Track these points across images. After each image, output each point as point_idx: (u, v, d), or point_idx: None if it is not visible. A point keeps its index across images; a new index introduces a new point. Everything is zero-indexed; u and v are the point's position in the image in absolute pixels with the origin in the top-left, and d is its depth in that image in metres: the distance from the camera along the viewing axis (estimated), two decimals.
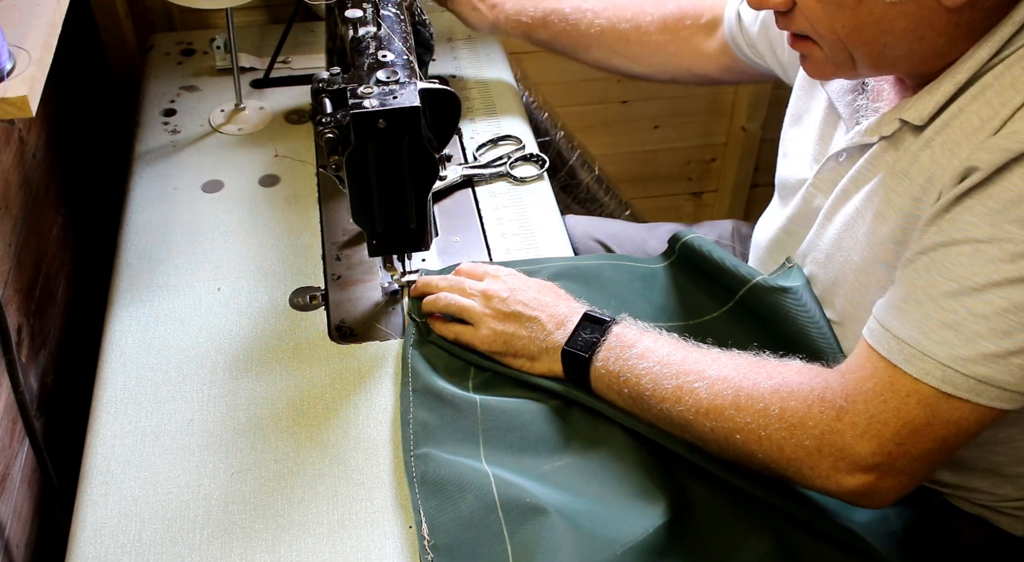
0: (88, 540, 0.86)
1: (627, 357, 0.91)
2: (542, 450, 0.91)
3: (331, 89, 0.95)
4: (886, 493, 0.80)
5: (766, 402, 0.82)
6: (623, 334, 0.93)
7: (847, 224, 0.91)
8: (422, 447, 0.91)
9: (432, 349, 1.01)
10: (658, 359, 0.89)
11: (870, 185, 0.88)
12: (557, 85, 1.86)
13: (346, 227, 1.18)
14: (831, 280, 0.94)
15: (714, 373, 0.86)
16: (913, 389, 0.77)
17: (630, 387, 0.90)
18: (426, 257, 1.13)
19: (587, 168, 1.91)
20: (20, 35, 0.83)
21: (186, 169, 1.26)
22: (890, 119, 0.86)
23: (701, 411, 0.85)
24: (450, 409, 0.94)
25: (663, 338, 0.93)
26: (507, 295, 1.00)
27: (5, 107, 0.78)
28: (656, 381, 0.88)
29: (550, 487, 0.87)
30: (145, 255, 1.14)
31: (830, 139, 0.97)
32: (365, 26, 1.03)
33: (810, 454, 0.80)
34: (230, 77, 1.35)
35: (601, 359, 0.92)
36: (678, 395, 0.87)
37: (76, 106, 1.47)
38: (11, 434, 1.04)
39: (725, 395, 0.84)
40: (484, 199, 1.24)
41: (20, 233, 1.12)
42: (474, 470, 0.88)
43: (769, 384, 0.84)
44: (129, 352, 1.02)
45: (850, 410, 0.79)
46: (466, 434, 0.92)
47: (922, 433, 0.77)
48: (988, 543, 0.99)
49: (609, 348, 0.92)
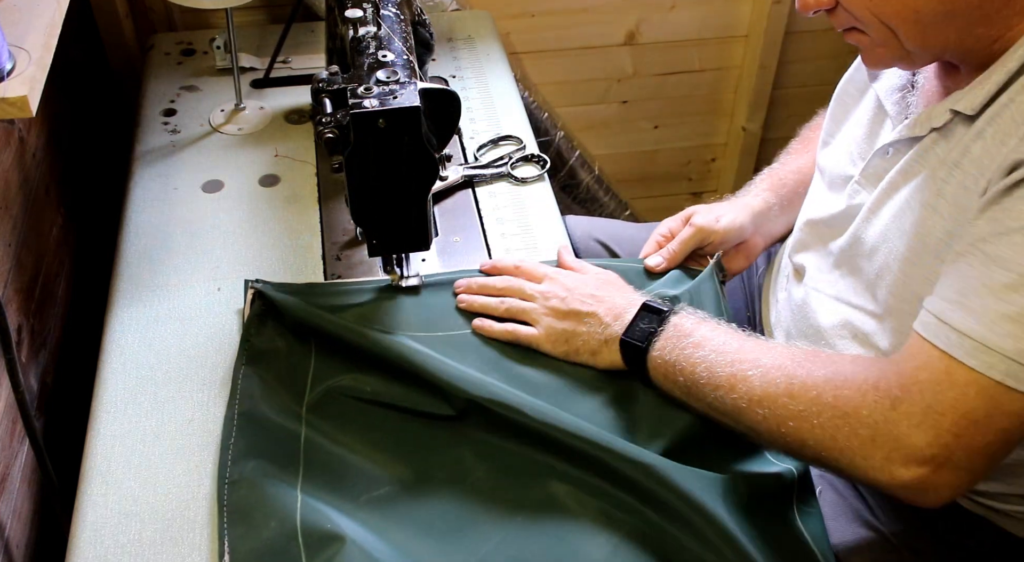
0: (88, 540, 0.86)
1: (683, 346, 0.91)
2: (363, 479, 0.90)
3: (331, 89, 0.95)
4: (942, 489, 0.78)
5: (819, 390, 0.82)
6: (681, 323, 0.93)
7: (895, 216, 0.90)
8: (239, 473, 0.88)
9: (266, 367, 0.98)
10: (714, 347, 0.89)
11: (920, 177, 0.88)
12: (557, 85, 1.86)
13: (346, 227, 1.18)
14: (875, 273, 0.93)
15: (768, 361, 0.86)
16: (972, 379, 0.75)
17: (685, 376, 0.90)
18: (426, 257, 1.13)
19: (587, 168, 1.91)
20: (20, 35, 0.83)
21: (186, 169, 1.26)
22: (941, 110, 0.86)
23: (754, 399, 0.85)
24: (274, 433, 0.92)
25: (721, 327, 0.93)
26: (565, 294, 1.01)
27: (5, 107, 0.78)
28: (711, 369, 0.88)
29: (363, 515, 0.86)
30: (145, 255, 1.14)
31: (877, 136, 0.97)
32: (365, 26, 1.03)
33: (864, 444, 0.79)
34: (230, 77, 1.35)
35: (658, 348, 0.93)
36: (732, 383, 0.86)
37: (76, 106, 1.47)
38: (11, 434, 1.04)
39: (778, 383, 0.84)
40: (484, 199, 1.24)
41: (20, 233, 1.12)
42: (284, 496, 0.86)
43: (822, 373, 0.83)
44: (129, 352, 1.02)
45: (906, 400, 0.78)
46: (287, 460, 0.90)
47: (982, 425, 0.76)
48: (990, 545, 0.99)
49: (667, 338, 0.93)
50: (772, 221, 1.17)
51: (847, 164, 1.01)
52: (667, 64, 1.88)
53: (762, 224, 1.16)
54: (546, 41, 1.79)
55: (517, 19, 1.74)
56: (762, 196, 1.17)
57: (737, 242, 1.14)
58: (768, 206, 1.16)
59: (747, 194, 1.18)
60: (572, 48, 1.81)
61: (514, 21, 1.74)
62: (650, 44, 1.84)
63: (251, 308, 1.03)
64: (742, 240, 1.15)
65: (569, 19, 1.77)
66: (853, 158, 1.01)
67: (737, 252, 1.16)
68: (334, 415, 0.95)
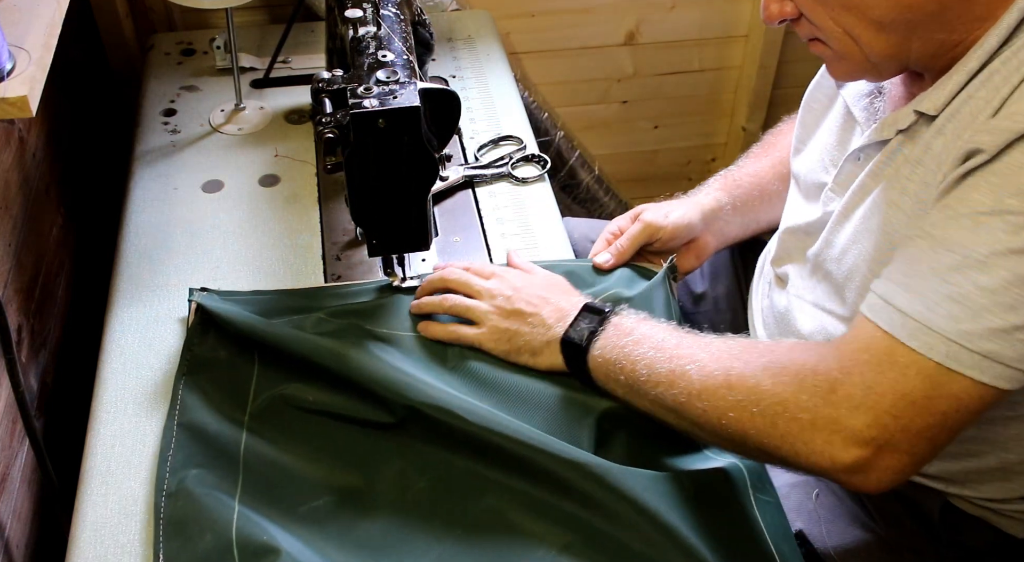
0: (88, 540, 0.86)
1: (623, 344, 0.91)
2: (302, 489, 0.89)
3: (331, 89, 0.95)
4: (883, 472, 0.78)
5: (757, 379, 0.81)
6: (621, 323, 0.93)
7: (864, 218, 0.91)
8: (176, 484, 0.88)
9: (208, 376, 0.98)
10: (653, 344, 0.89)
11: (887, 178, 0.88)
12: (557, 85, 1.86)
13: (346, 227, 1.18)
14: (844, 275, 0.94)
15: (705, 355, 0.86)
16: (913, 360, 0.75)
17: (626, 374, 0.90)
18: (426, 257, 1.13)
19: (587, 168, 1.91)
20: (20, 35, 0.83)
21: (186, 169, 1.26)
22: (906, 113, 0.86)
23: (694, 393, 0.85)
24: (213, 443, 0.91)
25: (660, 325, 0.93)
26: (511, 293, 1.01)
27: (5, 107, 0.78)
28: (651, 366, 0.88)
29: (300, 527, 0.86)
30: (145, 255, 1.14)
31: (847, 143, 0.98)
32: (365, 26, 1.03)
33: (804, 429, 0.78)
34: (230, 77, 1.35)
35: (599, 347, 0.92)
36: (671, 379, 0.86)
37: (76, 106, 1.47)
38: (11, 434, 1.04)
39: (716, 375, 0.84)
40: (484, 199, 1.24)
41: (20, 233, 1.12)
42: (222, 507, 0.85)
43: (760, 362, 0.83)
44: (129, 352, 1.02)
45: (845, 382, 0.77)
46: (226, 471, 0.89)
47: (921, 407, 0.75)
48: (989, 545, 0.99)
49: (607, 337, 0.92)
50: (724, 221, 1.17)
51: (820, 172, 1.01)
52: (667, 64, 1.88)
53: (712, 223, 1.16)
54: (546, 41, 1.79)
55: (517, 19, 1.74)
56: (713, 195, 1.17)
57: (686, 239, 1.14)
58: (719, 205, 1.16)
59: (698, 193, 1.18)
60: (572, 48, 1.82)
61: (514, 21, 1.74)
62: (650, 44, 1.84)
63: (193, 317, 1.03)
64: (692, 238, 1.15)
65: (569, 19, 1.77)
66: (825, 165, 1.01)
67: (687, 250, 1.16)
68: (276, 424, 0.94)
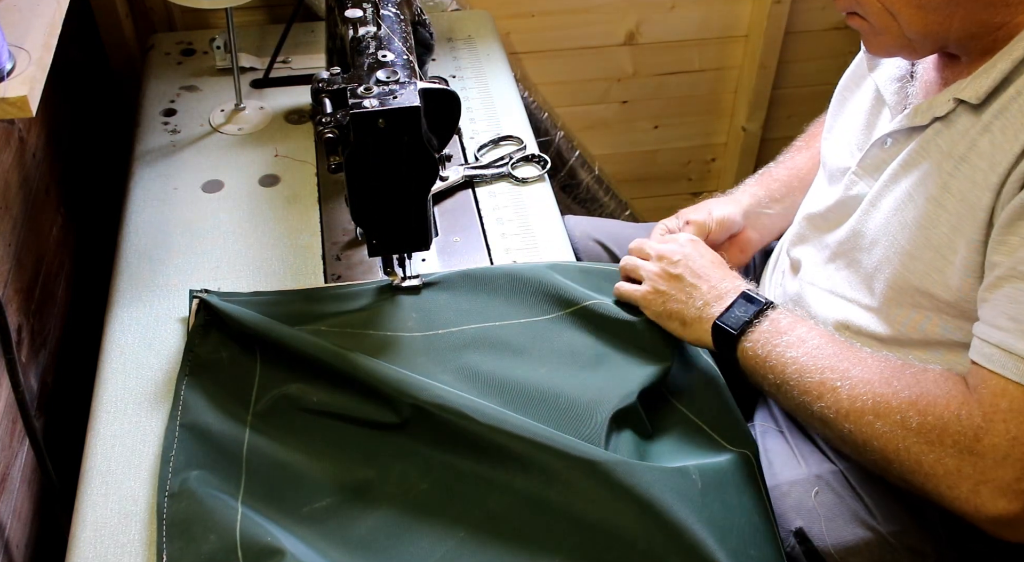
0: (88, 540, 0.86)
1: (777, 343, 0.91)
2: (305, 490, 0.89)
3: (331, 89, 0.95)
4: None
5: (903, 414, 0.81)
6: (779, 319, 0.93)
7: (896, 209, 0.90)
8: (179, 485, 0.87)
9: (210, 377, 0.97)
10: (807, 351, 0.89)
11: (922, 170, 0.87)
12: (557, 85, 1.86)
13: (346, 227, 1.18)
14: (874, 265, 0.93)
15: (856, 374, 0.85)
16: None
17: (775, 374, 0.90)
18: (426, 257, 1.13)
19: (587, 168, 1.91)
20: (20, 35, 0.83)
21: (186, 169, 1.26)
22: (944, 99, 0.85)
23: (841, 413, 0.84)
24: (216, 444, 0.91)
25: (817, 329, 0.92)
26: (678, 258, 1.02)
27: (5, 107, 0.78)
28: (801, 373, 0.88)
29: (304, 528, 0.86)
30: (145, 255, 1.14)
31: (875, 127, 0.97)
32: (365, 26, 1.03)
33: (948, 473, 0.78)
34: (230, 77, 1.35)
35: (752, 340, 0.92)
36: (820, 391, 0.86)
37: (76, 106, 1.47)
38: (11, 434, 1.04)
39: (865, 400, 0.83)
40: (484, 199, 1.24)
41: (20, 233, 1.12)
42: (225, 508, 0.85)
43: (907, 394, 0.82)
44: (129, 352, 1.02)
45: (990, 431, 0.76)
46: (229, 471, 0.89)
47: None
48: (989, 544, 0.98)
49: (762, 331, 0.92)
50: (765, 216, 1.17)
51: (846, 155, 1.01)
52: (667, 64, 1.88)
53: (754, 219, 1.17)
54: (546, 41, 1.79)
55: (517, 19, 1.74)
56: (749, 191, 1.18)
57: (730, 234, 1.15)
58: (756, 200, 1.17)
59: (735, 191, 1.19)
60: (572, 48, 1.82)
61: (514, 21, 1.74)
62: (650, 44, 1.84)
63: (195, 318, 1.03)
64: (734, 232, 1.15)
65: (569, 19, 1.77)
66: (851, 149, 1.00)
67: (732, 245, 1.16)
68: (279, 425, 0.94)
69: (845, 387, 0.85)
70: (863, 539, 1.00)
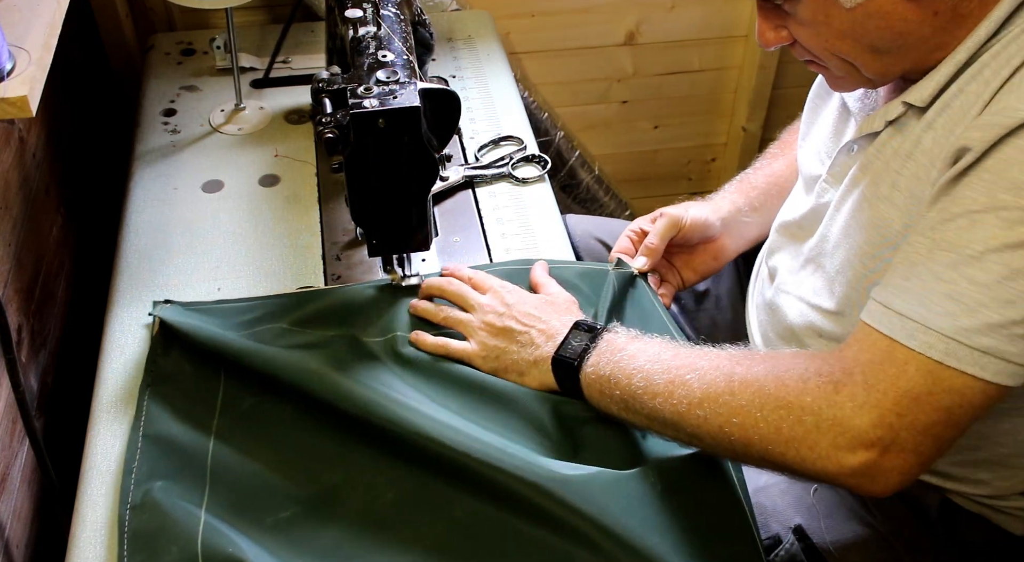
0: (88, 540, 0.86)
1: (617, 359, 0.90)
2: (270, 500, 0.88)
3: (331, 89, 0.95)
4: (891, 474, 0.77)
5: (760, 383, 0.81)
6: (613, 339, 0.93)
7: (854, 211, 0.91)
8: (141, 497, 0.87)
9: (173, 388, 0.97)
10: (648, 358, 0.89)
11: (876, 171, 0.89)
12: (557, 85, 1.86)
13: (346, 227, 1.18)
14: (836, 268, 0.94)
15: (705, 364, 0.86)
16: (912, 357, 0.75)
17: (621, 388, 0.89)
18: (426, 257, 1.13)
19: (587, 168, 1.91)
20: (20, 35, 0.83)
21: (186, 169, 1.26)
22: (895, 104, 0.86)
23: (694, 402, 0.84)
24: (180, 454, 0.91)
25: (654, 339, 0.92)
26: (503, 310, 1.01)
27: (5, 107, 0.78)
28: (648, 378, 0.87)
29: (267, 538, 0.85)
30: (145, 255, 1.14)
31: (842, 135, 0.98)
32: (365, 26, 1.04)
33: (808, 432, 0.78)
34: (230, 77, 1.35)
35: (591, 364, 0.92)
36: (670, 389, 0.85)
37: (76, 106, 1.47)
38: (11, 434, 1.04)
39: (718, 382, 0.83)
40: (484, 199, 1.24)
41: (20, 233, 1.12)
42: (188, 519, 0.85)
43: (762, 367, 0.83)
44: (129, 352, 1.02)
45: (847, 382, 0.77)
46: (193, 481, 0.89)
47: (924, 403, 0.75)
48: (988, 543, 0.99)
49: (600, 353, 0.92)
50: (742, 224, 1.17)
51: (817, 164, 1.02)
52: (667, 64, 1.88)
53: (731, 226, 1.16)
54: (546, 41, 1.79)
55: (517, 19, 1.74)
56: (729, 199, 1.17)
57: (703, 236, 1.14)
58: (735, 207, 1.16)
59: (715, 197, 1.19)
60: (572, 48, 1.81)
61: (514, 21, 1.74)
62: (650, 44, 1.84)
63: (157, 329, 1.02)
64: (708, 237, 1.15)
65: (569, 19, 1.77)
66: (821, 157, 1.01)
67: (704, 252, 1.16)
68: (244, 435, 0.93)
69: (695, 376, 0.85)
70: (861, 536, 1.00)
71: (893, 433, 0.76)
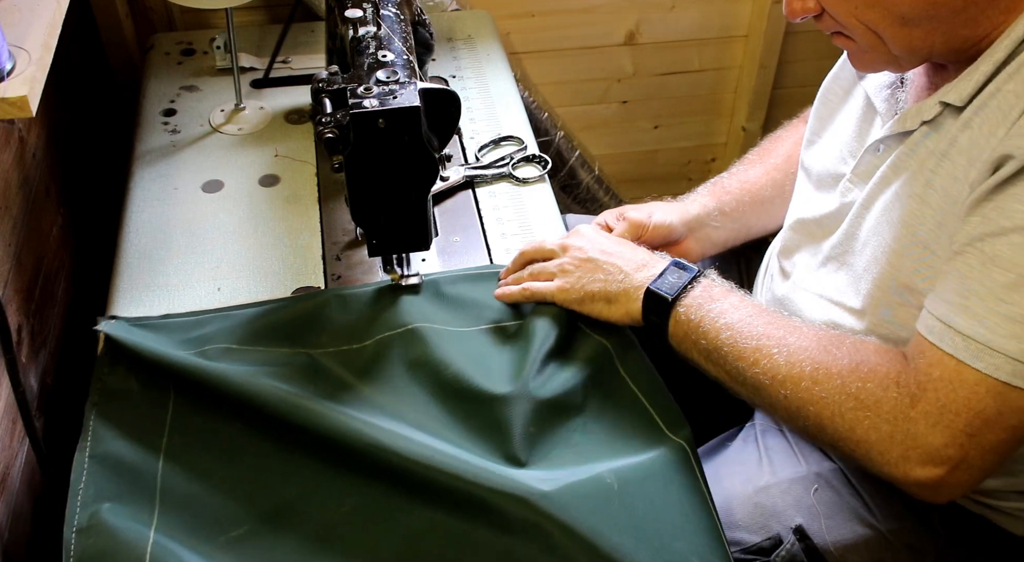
0: None
1: (711, 308, 0.91)
2: (222, 518, 0.87)
3: (331, 89, 0.95)
4: (954, 488, 0.80)
5: (843, 379, 0.83)
6: (711, 286, 0.94)
7: (884, 210, 0.91)
8: (87, 519, 0.84)
9: (120, 406, 0.94)
10: (741, 317, 0.90)
11: (910, 169, 0.88)
12: (557, 85, 1.86)
13: (346, 227, 1.18)
14: (863, 266, 0.94)
15: (794, 342, 0.87)
16: (980, 380, 0.77)
17: (708, 340, 0.90)
18: (426, 257, 1.13)
19: (587, 168, 1.91)
20: (20, 35, 0.83)
21: (186, 169, 1.26)
22: (931, 104, 0.86)
23: (778, 378, 0.85)
24: (128, 474, 0.89)
25: (748, 299, 0.93)
26: (584, 244, 1.01)
27: (5, 107, 0.78)
28: (736, 338, 0.88)
29: (221, 555, 0.84)
30: (145, 255, 1.14)
31: (867, 134, 0.98)
32: (365, 26, 1.03)
33: (882, 439, 0.80)
34: (230, 77, 1.35)
35: (685, 305, 0.93)
36: (756, 358, 0.87)
37: (76, 106, 1.47)
38: (11, 434, 1.04)
39: (803, 366, 0.85)
40: (484, 199, 1.24)
41: (20, 233, 1.12)
42: (137, 540, 0.82)
43: (847, 361, 0.84)
44: None
45: (922, 398, 0.79)
46: (142, 502, 0.87)
47: (994, 424, 0.77)
48: (988, 542, 0.99)
49: (695, 297, 0.93)
50: (711, 229, 1.16)
51: (837, 163, 1.01)
52: (667, 64, 1.88)
53: (697, 229, 1.16)
54: (546, 41, 1.79)
55: (517, 19, 1.74)
56: (700, 202, 1.17)
57: (666, 241, 1.13)
58: (706, 211, 1.16)
59: (686, 199, 1.18)
60: (572, 48, 1.82)
61: (514, 21, 1.74)
62: (650, 44, 1.84)
63: (102, 345, 1.00)
64: (671, 240, 1.14)
65: (569, 19, 1.77)
66: (844, 156, 1.01)
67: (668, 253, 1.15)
68: (195, 452, 0.91)
69: (783, 353, 0.86)
70: (862, 537, 1.00)
71: (963, 452, 0.78)
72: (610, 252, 1.00)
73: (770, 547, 1.00)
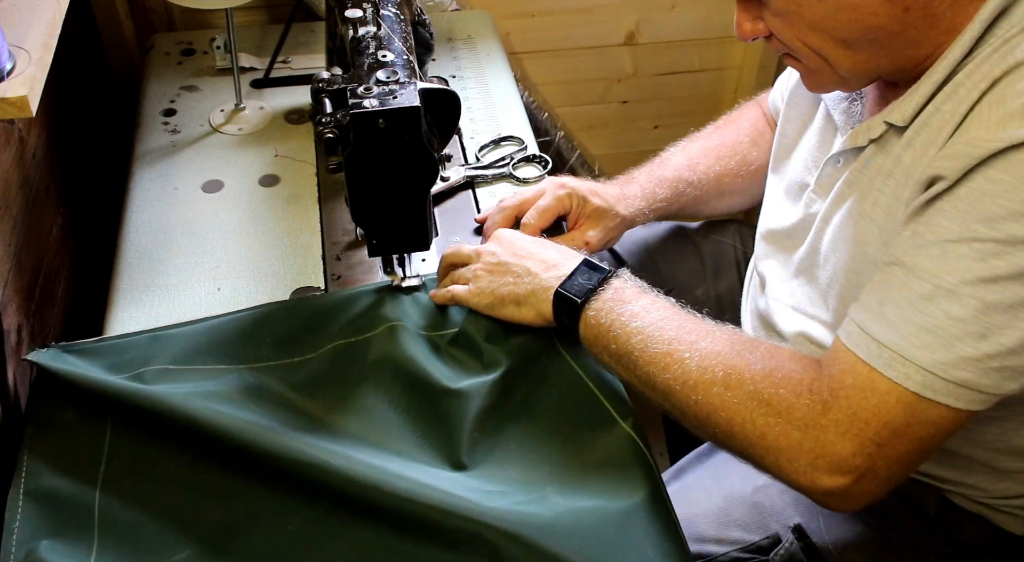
0: None
1: (621, 312, 0.89)
2: (163, 544, 0.84)
3: (331, 89, 0.95)
4: (860, 497, 0.79)
5: (756, 385, 0.81)
6: (622, 288, 0.92)
7: (840, 226, 0.91)
8: (24, 559, 0.81)
9: (55, 437, 0.91)
10: (652, 321, 0.88)
11: (860, 187, 0.89)
12: (557, 85, 1.86)
13: (346, 227, 1.18)
14: (827, 281, 0.94)
15: (706, 346, 0.85)
16: (891, 389, 0.76)
17: (619, 344, 0.88)
18: (426, 257, 1.13)
19: (587, 168, 1.91)
20: (20, 35, 0.83)
21: (186, 169, 1.27)
22: (877, 122, 0.87)
23: (688, 383, 0.84)
24: (65, 508, 0.86)
25: (660, 301, 0.91)
26: (496, 248, 1.01)
27: (5, 107, 0.78)
28: (646, 343, 0.87)
29: None
30: (145, 255, 1.14)
31: (829, 145, 0.98)
32: (365, 26, 1.04)
33: (792, 445, 0.79)
34: (230, 77, 1.35)
35: (595, 308, 0.91)
36: (666, 362, 0.85)
37: (76, 106, 1.47)
38: None
39: (715, 371, 0.83)
40: (484, 199, 1.24)
41: (20, 233, 1.12)
42: None
43: (761, 366, 0.82)
44: None
45: (834, 406, 0.78)
46: (79, 536, 0.84)
47: (902, 434, 0.76)
48: (988, 542, 0.99)
49: (605, 299, 0.91)
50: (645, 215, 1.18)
51: (804, 172, 1.02)
52: (667, 64, 1.88)
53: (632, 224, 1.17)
54: (546, 41, 1.79)
55: (517, 19, 1.74)
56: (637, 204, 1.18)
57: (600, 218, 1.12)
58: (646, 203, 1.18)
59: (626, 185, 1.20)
60: (572, 48, 1.82)
61: (514, 21, 1.74)
62: (650, 44, 1.84)
63: (34, 375, 0.97)
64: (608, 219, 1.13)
65: (569, 19, 1.77)
66: (808, 166, 1.01)
67: None
68: (133, 479, 0.89)
69: (694, 358, 0.84)
70: (861, 535, 1.00)
71: (870, 462, 0.77)
72: (523, 254, 0.98)
73: (769, 546, 1.01)
